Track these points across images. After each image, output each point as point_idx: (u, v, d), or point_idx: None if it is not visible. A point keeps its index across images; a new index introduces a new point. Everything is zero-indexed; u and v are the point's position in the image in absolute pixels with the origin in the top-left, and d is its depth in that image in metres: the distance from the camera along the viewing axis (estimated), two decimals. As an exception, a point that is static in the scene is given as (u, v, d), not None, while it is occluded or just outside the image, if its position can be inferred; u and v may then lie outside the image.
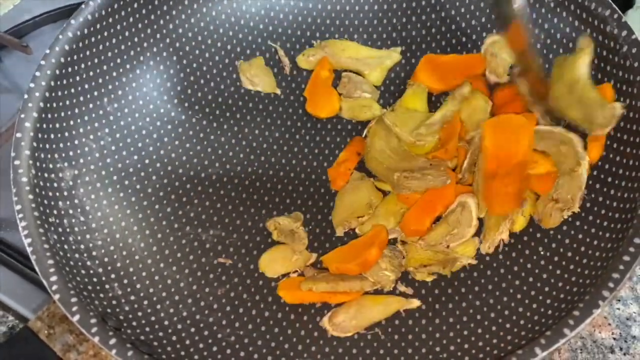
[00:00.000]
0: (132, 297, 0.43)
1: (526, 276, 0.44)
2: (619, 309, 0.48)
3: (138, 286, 0.45)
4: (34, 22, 0.68)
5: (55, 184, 0.45)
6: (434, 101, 0.53)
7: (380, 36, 0.58)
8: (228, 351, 0.42)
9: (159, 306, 0.44)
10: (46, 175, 0.44)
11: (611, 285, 0.35)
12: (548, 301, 0.40)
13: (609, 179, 0.43)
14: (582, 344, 0.46)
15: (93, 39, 0.49)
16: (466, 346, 0.41)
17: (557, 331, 0.34)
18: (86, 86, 0.49)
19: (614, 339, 0.46)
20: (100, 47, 0.50)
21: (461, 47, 0.55)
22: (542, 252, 0.44)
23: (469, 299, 0.44)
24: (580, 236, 0.43)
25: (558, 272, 0.42)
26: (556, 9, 0.49)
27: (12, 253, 0.54)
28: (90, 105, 0.49)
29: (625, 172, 0.42)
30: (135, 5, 0.52)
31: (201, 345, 0.42)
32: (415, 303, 0.44)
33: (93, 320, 0.36)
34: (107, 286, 0.43)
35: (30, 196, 0.41)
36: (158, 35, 0.54)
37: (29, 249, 0.39)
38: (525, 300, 0.42)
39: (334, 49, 0.57)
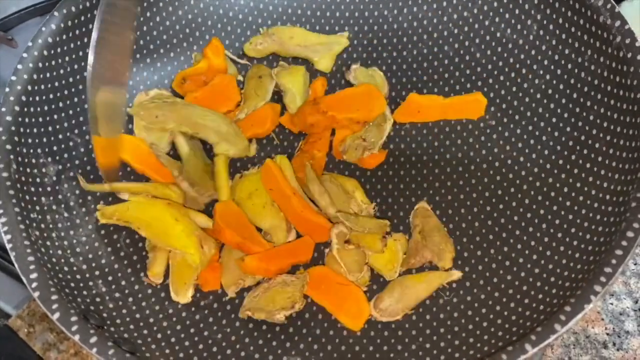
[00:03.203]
0: (116, 294, 0.43)
1: (518, 270, 0.43)
2: (612, 303, 0.47)
3: (123, 283, 0.44)
4: (20, 15, 0.67)
5: (38, 179, 0.44)
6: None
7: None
8: (214, 349, 0.42)
9: (143, 303, 0.43)
10: (28, 170, 0.43)
11: (603, 279, 0.35)
12: (539, 296, 0.40)
13: (602, 172, 0.43)
14: (575, 339, 0.46)
15: (77, 32, 0.48)
16: (456, 342, 0.40)
17: (548, 327, 0.34)
18: (70, 79, 0.48)
19: (607, 334, 0.46)
20: (85, 39, 0.49)
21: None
22: (534, 246, 0.44)
23: (459, 294, 0.43)
24: (572, 230, 0.42)
25: (550, 266, 0.42)
26: (549, 0, 0.48)
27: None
28: (75, 99, 0.49)
29: (619, 164, 0.42)
30: (121, -3, 0.51)
31: (187, 343, 0.41)
32: (457, 274, 0.44)
33: (74, 319, 0.36)
34: (90, 283, 0.42)
35: (11, 192, 0.41)
36: (145, 28, 0.53)
37: (8, 246, 0.38)
38: (517, 296, 0.41)
39: (282, 36, 0.56)
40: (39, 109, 0.45)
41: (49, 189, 0.44)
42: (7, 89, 0.44)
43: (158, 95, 0.52)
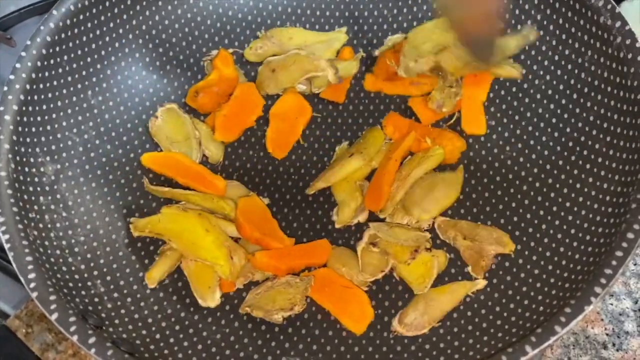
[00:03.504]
0: (115, 295, 0.43)
1: (517, 271, 0.43)
2: (611, 304, 0.47)
3: (121, 283, 0.44)
4: (19, 14, 0.67)
5: (36, 179, 0.44)
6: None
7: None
8: (213, 349, 0.41)
9: (142, 303, 0.43)
10: (26, 169, 0.43)
11: (603, 281, 0.34)
12: (539, 297, 0.40)
13: (602, 173, 0.43)
14: (574, 339, 0.46)
15: (76, 30, 0.48)
16: (456, 344, 0.40)
17: (548, 328, 0.34)
18: (69, 78, 0.48)
19: (607, 334, 0.46)
20: (84, 38, 0.49)
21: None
22: (533, 247, 0.44)
23: (459, 295, 0.43)
24: (572, 231, 0.42)
25: (550, 267, 0.41)
26: (549, 0, 0.48)
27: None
28: (74, 98, 0.48)
29: (619, 165, 0.41)
30: (120, -4, 0.51)
31: (186, 344, 0.41)
32: (482, 283, 0.43)
33: (72, 319, 0.35)
34: (89, 283, 0.42)
35: (9, 191, 0.40)
36: (144, 27, 0.53)
37: (6, 246, 0.38)
38: (516, 297, 0.41)
39: (281, 37, 0.56)
40: (37, 108, 0.45)
41: (47, 188, 0.44)
42: (5, 88, 0.44)
43: (165, 112, 0.52)
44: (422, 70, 0.51)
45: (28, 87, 0.44)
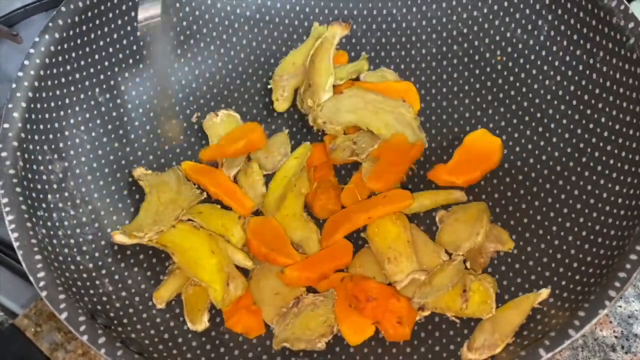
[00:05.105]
0: (124, 294, 0.42)
1: (528, 274, 0.43)
2: (620, 306, 0.47)
3: (129, 282, 0.43)
4: (25, 10, 0.67)
5: (45, 177, 0.43)
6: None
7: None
8: (222, 349, 0.41)
9: (150, 303, 0.43)
10: (35, 167, 0.43)
11: (617, 284, 0.34)
12: (551, 300, 0.40)
13: (614, 175, 0.42)
14: (583, 342, 0.46)
15: (84, 27, 0.48)
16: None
17: (562, 332, 0.33)
18: (77, 76, 0.48)
19: (616, 337, 0.46)
20: (92, 35, 0.49)
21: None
22: (544, 249, 0.43)
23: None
24: (584, 233, 0.42)
25: (561, 270, 0.41)
26: (561, 1, 0.48)
27: (0, 247, 0.53)
28: (82, 96, 0.48)
29: (631, 167, 0.41)
30: (128, -7, 0.50)
31: (194, 343, 0.41)
32: (546, 292, 0.40)
33: (82, 318, 0.35)
34: (97, 282, 0.42)
35: (18, 189, 0.40)
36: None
37: (15, 244, 0.38)
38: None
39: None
40: (45, 106, 0.45)
41: (55, 186, 0.44)
42: (14, 85, 0.43)
43: (227, 115, 0.52)
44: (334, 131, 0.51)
45: (36, 84, 0.44)
